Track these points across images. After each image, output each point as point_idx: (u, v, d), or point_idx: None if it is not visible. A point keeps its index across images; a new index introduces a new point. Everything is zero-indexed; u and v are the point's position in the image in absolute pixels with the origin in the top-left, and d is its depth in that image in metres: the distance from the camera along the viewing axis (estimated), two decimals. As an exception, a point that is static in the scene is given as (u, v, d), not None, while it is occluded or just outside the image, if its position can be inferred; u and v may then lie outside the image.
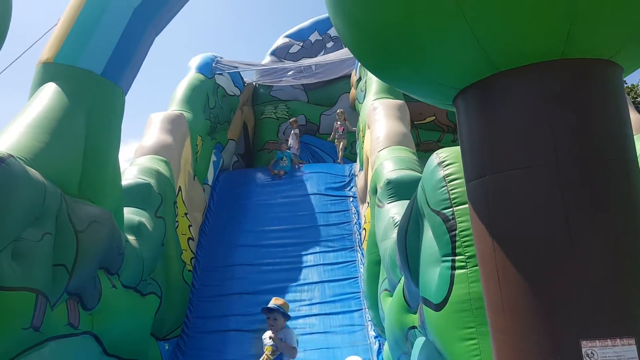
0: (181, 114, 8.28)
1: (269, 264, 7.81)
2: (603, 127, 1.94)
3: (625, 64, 2.06)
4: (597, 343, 1.77)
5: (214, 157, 9.73)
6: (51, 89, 4.31)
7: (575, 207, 1.87)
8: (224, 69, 10.68)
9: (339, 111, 11.08)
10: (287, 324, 4.95)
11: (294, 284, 7.39)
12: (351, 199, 9.04)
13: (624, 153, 1.95)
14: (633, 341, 1.75)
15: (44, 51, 4.54)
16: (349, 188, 9.36)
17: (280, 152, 10.34)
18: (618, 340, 1.76)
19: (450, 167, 3.05)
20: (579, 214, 1.86)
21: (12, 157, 3.23)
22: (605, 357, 1.75)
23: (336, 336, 6.50)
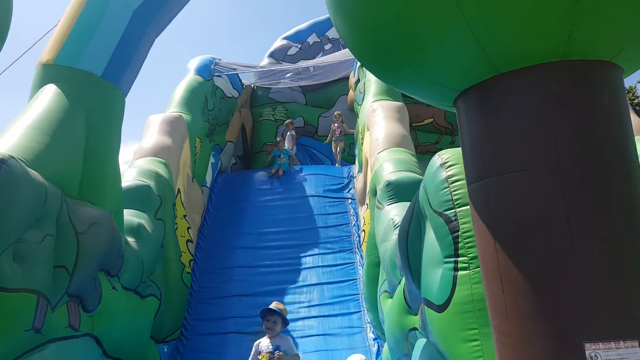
0: (180, 115, 8.27)
1: (268, 265, 7.78)
2: (604, 129, 1.94)
3: (625, 65, 2.06)
4: (600, 346, 1.77)
5: (212, 159, 9.72)
6: (51, 90, 4.30)
7: (576, 209, 1.87)
8: (222, 70, 10.68)
9: (336, 113, 11.05)
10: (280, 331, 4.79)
11: (292, 286, 7.37)
12: (350, 200, 9.03)
13: (624, 154, 1.95)
14: (636, 343, 1.76)
15: (44, 53, 4.53)
16: (347, 190, 9.35)
17: (277, 150, 10.33)
18: (622, 342, 1.76)
19: (452, 168, 3.05)
20: (580, 215, 1.86)
21: (14, 158, 3.22)
22: (609, 359, 1.75)
23: (335, 338, 6.48)
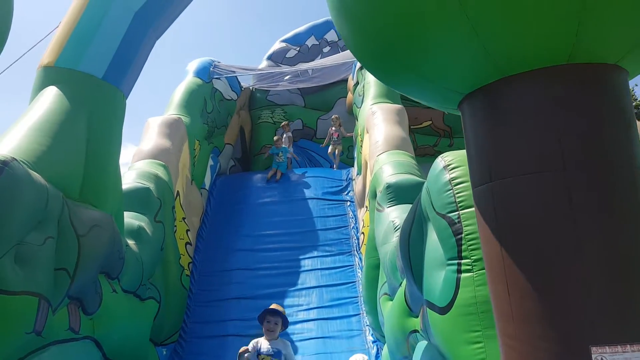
0: (179, 118, 8.26)
1: (267, 268, 7.76)
2: (609, 132, 1.94)
3: (631, 67, 2.06)
4: (606, 349, 1.77)
5: (211, 162, 9.71)
6: (52, 92, 4.29)
7: (582, 212, 1.87)
8: (221, 73, 10.69)
9: (333, 117, 11.05)
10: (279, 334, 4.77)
11: (291, 289, 7.35)
12: (348, 203, 9.03)
13: (630, 158, 1.95)
14: (643, 347, 1.76)
15: (45, 55, 4.52)
16: (346, 192, 9.35)
17: (275, 148, 10.31)
18: (628, 346, 1.76)
19: (455, 170, 3.05)
20: (585, 218, 1.86)
21: (16, 160, 3.21)
22: (615, 363, 1.75)
23: (334, 341, 6.47)
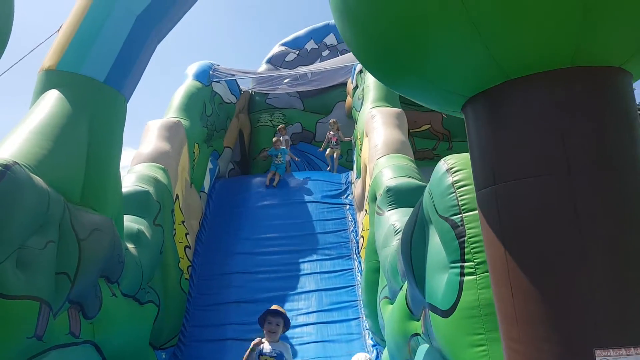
0: (179, 121, 8.27)
1: (266, 272, 7.75)
2: (614, 135, 1.94)
3: (635, 70, 2.07)
4: (610, 352, 1.77)
5: (210, 165, 9.71)
6: (54, 96, 4.29)
7: (586, 215, 1.87)
8: (220, 76, 10.70)
9: (331, 121, 11.01)
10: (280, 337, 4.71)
11: (290, 292, 7.34)
12: (348, 206, 9.04)
13: (634, 160, 1.95)
14: (647, 350, 1.76)
15: (47, 58, 4.52)
16: (345, 196, 9.36)
17: (274, 149, 10.29)
18: (632, 349, 1.76)
19: (458, 173, 3.05)
20: (590, 222, 1.87)
21: (17, 164, 3.20)
22: (620, 366, 1.75)
23: (334, 345, 6.46)
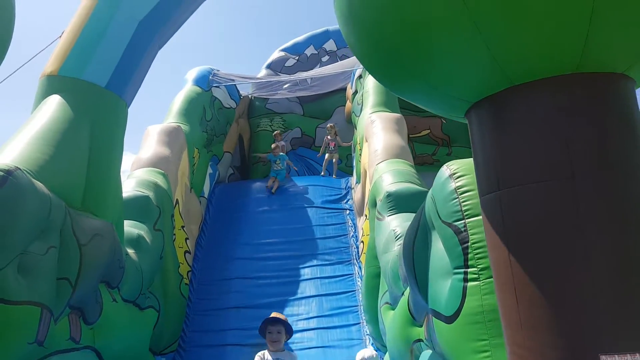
0: (178, 126, 8.27)
1: (266, 277, 7.73)
2: (617, 140, 1.95)
3: (638, 76, 2.07)
4: (616, 358, 1.77)
5: (210, 170, 9.71)
6: (55, 101, 4.28)
7: (590, 221, 1.87)
8: (220, 81, 10.72)
9: (329, 125, 10.96)
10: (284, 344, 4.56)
11: (290, 298, 7.32)
12: (348, 211, 9.03)
13: (638, 165, 1.95)
14: (652, 356, 1.76)
15: (48, 64, 4.53)
16: (345, 201, 9.35)
17: (273, 155, 10.27)
18: (637, 355, 1.76)
19: (461, 179, 3.04)
20: (594, 227, 1.87)
21: (19, 169, 3.20)
22: (625, 371, 1.75)
23: (334, 350, 6.43)
